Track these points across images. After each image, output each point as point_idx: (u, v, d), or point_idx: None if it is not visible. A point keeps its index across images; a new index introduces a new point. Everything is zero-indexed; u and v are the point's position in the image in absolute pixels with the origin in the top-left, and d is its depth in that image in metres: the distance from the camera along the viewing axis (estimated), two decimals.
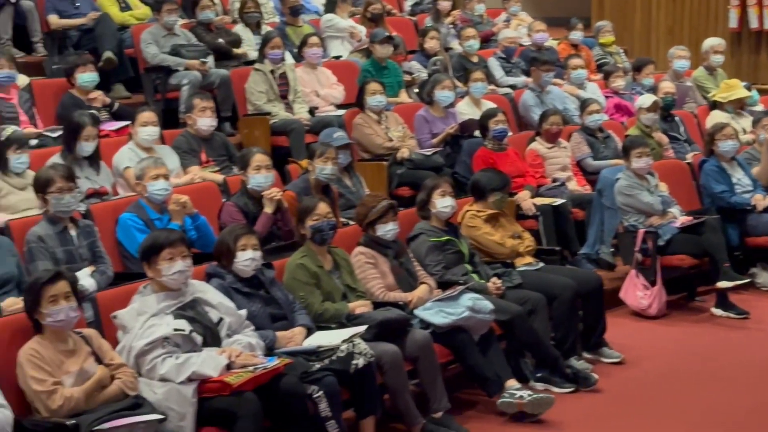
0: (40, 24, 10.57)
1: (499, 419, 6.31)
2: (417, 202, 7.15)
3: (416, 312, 6.31)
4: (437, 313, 6.27)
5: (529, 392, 6.32)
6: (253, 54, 10.47)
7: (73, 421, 4.70)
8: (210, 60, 9.98)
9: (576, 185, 9.00)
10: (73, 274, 5.30)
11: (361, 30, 11.51)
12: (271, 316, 5.78)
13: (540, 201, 8.48)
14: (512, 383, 6.34)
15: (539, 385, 6.68)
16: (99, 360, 5.04)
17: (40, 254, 6.04)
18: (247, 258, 5.79)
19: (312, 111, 9.85)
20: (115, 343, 5.28)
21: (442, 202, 6.97)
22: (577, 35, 12.54)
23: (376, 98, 9.16)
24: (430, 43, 11.22)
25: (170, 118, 9.31)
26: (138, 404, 4.94)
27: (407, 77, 10.80)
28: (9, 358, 4.88)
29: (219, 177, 7.85)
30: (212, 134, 8.33)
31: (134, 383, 5.05)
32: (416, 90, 10.54)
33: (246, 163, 7.05)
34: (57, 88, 9.01)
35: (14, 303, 5.60)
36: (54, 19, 10.36)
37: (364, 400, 5.71)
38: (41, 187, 6.23)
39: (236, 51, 10.53)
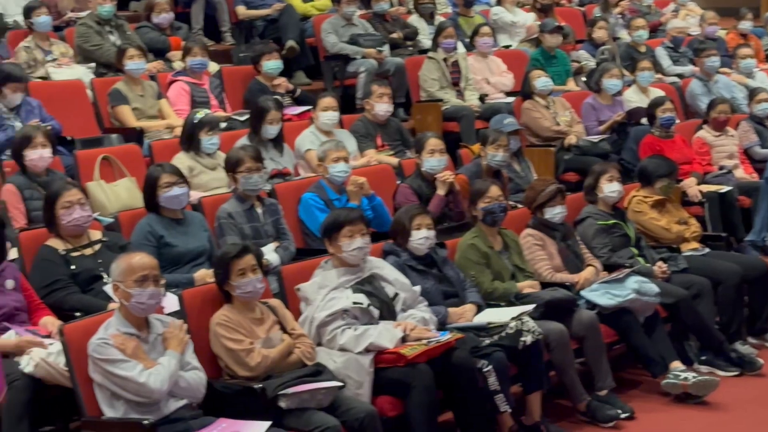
0: (228, 15, 10.91)
1: (662, 399, 6.24)
2: (584, 187, 7.10)
3: (583, 293, 6.28)
4: (603, 295, 6.23)
5: (694, 374, 6.23)
6: (427, 43, 10.55)
7: (260, 385, 4.84)
8: (386, 49, 10.09)
9: (743, 173, 8.77)
10: (258, 248, 5.45)
11: (525, 21, 11.46)
12: (443, 293, 5.84)
13: (706, 188, 8.31)
14: (677, 365, 6.27)
15: (704, 368, 6.58)
16: (283, 329, 5.18)
17: (229, 229, 6.24)
18: (421, 237, 5.86)
19: (482, 98, 9.87)
20: (297, 313, 5.41)
21: (610, 187, 6.91)
22: (746, 25, 12.22)
23: (541, 81, 9.12)
24: (599, 33, 11.09)
25: (347, 103, 9.46)
26: (319, 371, 5.06)
27: (575, 66, 10.70)
28: (202, 326, 5.05)
29: (394, 160, 7.95)
30: (387, 119, 8.43)
31: (312, 353, 5.16)
32: (584, 78, 10.43)
33: (421, 146, 7.13)
34: (244, 74, 9.27)
35: (206, 275, 5.80)
36: (242, 10, 10.67)
37: (531, 376, 5.71)
38: (231, 166, 6.43)
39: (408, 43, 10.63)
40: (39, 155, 6.42)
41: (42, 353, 4.87)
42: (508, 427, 5.56)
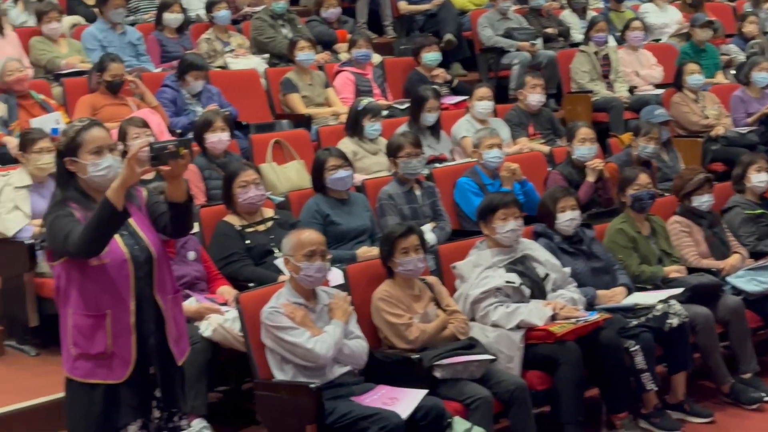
0: (391, 9, 10.97)
1: None
2: (733, 177, 6.92)
3: (728, 279, 6.13)
4: (749, 281, 6.08)
5: None
6: (578, 37, 10.43)
7: (417, 356, 4.89)
8: (539, 42, 10.01)
9: None
10: (421, 230, 5.49)
11: (672, 19, 11.18)
12: (592, 269, 5.77)
13: None
14: None
15: None
16: (438, 305, 5.21)
17: (390, 210, 6.30)
18: (567, 219, 5.80)
19: (631, 90, 9.70)
20: (452, 290, 5.43)
21: (758, 177, 6.72)
22: None
23: (694, 77, 8.91)
24: (749, 28, 10.73)
25: (501, 94, 9.41)
26: (472, 345, 5.07)
27: (724, 59, 10.40)
28: (364, 298, 5.11)
29: (545, 148, 7.89)
30: (540, 109, 8.37)
31: (466, 328, 5.18)
32: (733, 71, 10.13)
33: (572, 135, 7.07)
34: (405, 65, 9.34)
35: (368, 251, 5.88)
36: (403, 5, 10.75)
37: (677, 357, 5.60)
38: (393, 151, 6.49)
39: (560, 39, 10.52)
40: (218, 138, 6.60)
41: (219, 319, 5.02)
42: (653, 405, 5.48)
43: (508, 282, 5.30)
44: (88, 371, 3.70)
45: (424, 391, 4.66)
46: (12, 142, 6.55)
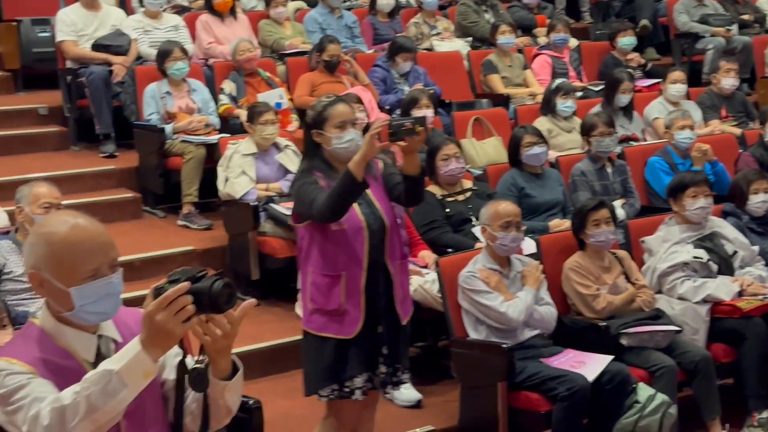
0: None
1: None
2: None
3: None
4: None
5: None
6: None
7: (605, 323, 4.79)
8: (734, 28, 9.56)
9: None
10: (612, 204, 5.37)
11: None
12: None
13: None
14: None
15: None
16: (627, 278, 5.08)
17: (582, 186, 6.18)
18: (759, 201, 5.56)
19: None
20: (641, 264, 5.29)
21: None
22: None
23: None
24: None
25: (694, 77, 9.05)
26: (658, 316, 4.93)
27: None
28: (555, 268, 5.04)
29: (737, 130, 7.55)
30: (733, 93, 8.01)
31: (651, 302, 5.03)
32: None
33: (765, 119, 6.75)
34: (600, 49, 9.13)
35: (560, 224, 5.79)
36: None
37: None
38: (586, 130, 6.35)
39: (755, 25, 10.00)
40: (423, 114, 6.63)
41: (420, 281, 5.06)
42: None
43: (695, 257, 5.12)
44: (322, 325, 3.78)
45: (610, 357, 4.57)
46: (242, 115, 6.78)
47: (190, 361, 2.23)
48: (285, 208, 5.87)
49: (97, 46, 7.50)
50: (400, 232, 3.96)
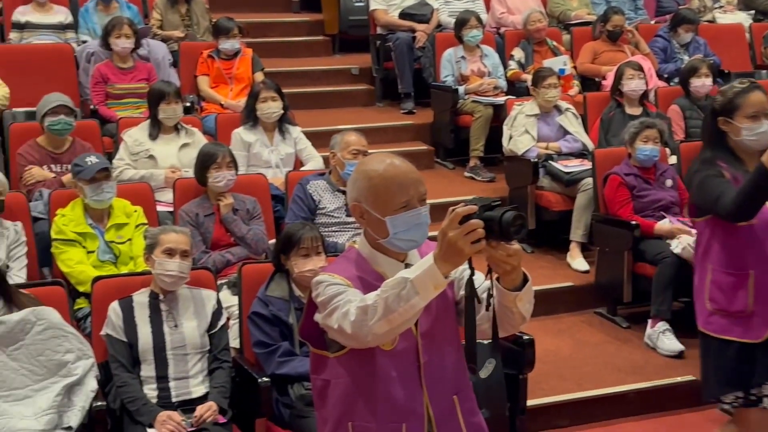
0: None
1: None
2: None
3: None
4: None
5: None
6: None
7: None
8: None
9: None
10: None
11: None
12: None
13: None
14: None
15: None
16: None
17: None
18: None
19: None
20: None
21: None
22: None
23: None
24: None
25: None
26: None
27: None
28: None
29: None
30: None
31: None
32: None
33: None
34: None
35: None
36: None
37: None
38: None
39: None
40: (702, 83, 6.28)
41: (689, 239, 4.84)
42: None
43: None
44: (724, 327, 3.25)
45: None
46: (528, 79, 6.75)
47: (481, 281, 2.28)
48: (563, 166, 5.86)
49: (403, 15, 7.73)
50: None
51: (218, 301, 3.88)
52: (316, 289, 2.29)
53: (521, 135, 6.11)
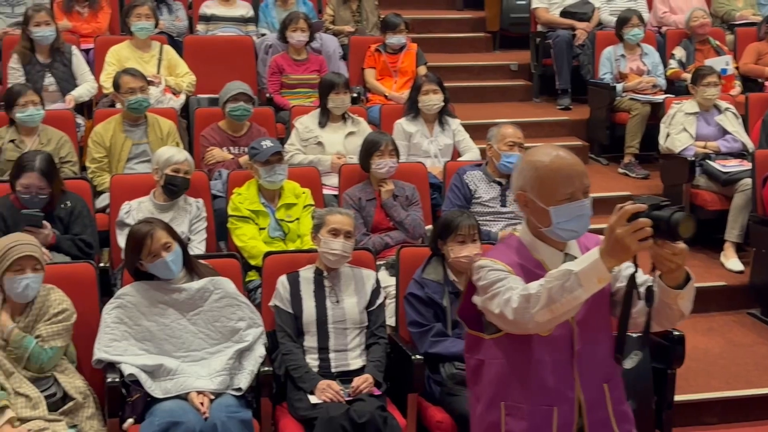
0: None
1: None
2: None
3: None
4: None
5: None
6: None
7: None
8: None
9: None
10: None
11: None
12: None
13: None
14: None
15: None
16: None
17: None
18: None
19: None
20: None
21: None
22: None
23: None
24: None
25: None
26: None
27: None
28: None
29: None
30: None
31: None
32: None
33: None
34: None
35: None
36: None
37: None
38: None
39: None
40: None
41: None
42: None
43: None
44: None
45: None
46: (688, 78, 6.48)
47: (641, 276, 2.23)
48: (721, 165, 5.62)
49: (564, 13, 7.59)
50: None
51: (377, 281, 3.93)
52: (478, 273, 2.29)
53: (679, 133, 5.88)
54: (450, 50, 8.19)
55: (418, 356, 3.68)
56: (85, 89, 5.85)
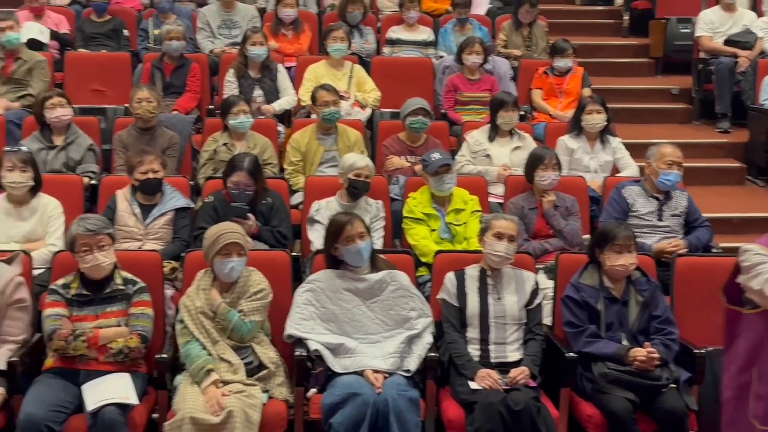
0: None
1: None
2: None
3: None
4: None
5: None
6: None
7: None
8: None
9: None
10: None
11: None
12: None
13: None
14: None
15: None
16: None
17: None
18: None
19: None
20: None
21: None
22: None
23: None
24: None
25: None
26: None
27: None
28: None
29: None
30: None
31: None
32: None
33: None
34: None
35: None
36: None
37: None
38: None
39: None
40: None
41: None
42: None
43: None
44: None
45: None
46: None
47: None
48: None
49: (728, 42, 7.28)
50: None
51: (536, 283, 3.95)
52: (743, 255, 2.46)
53: None
54: (614, 74, 8.04)
55: (571, 354, 3.67)
56: (285, 101, 6.17)
